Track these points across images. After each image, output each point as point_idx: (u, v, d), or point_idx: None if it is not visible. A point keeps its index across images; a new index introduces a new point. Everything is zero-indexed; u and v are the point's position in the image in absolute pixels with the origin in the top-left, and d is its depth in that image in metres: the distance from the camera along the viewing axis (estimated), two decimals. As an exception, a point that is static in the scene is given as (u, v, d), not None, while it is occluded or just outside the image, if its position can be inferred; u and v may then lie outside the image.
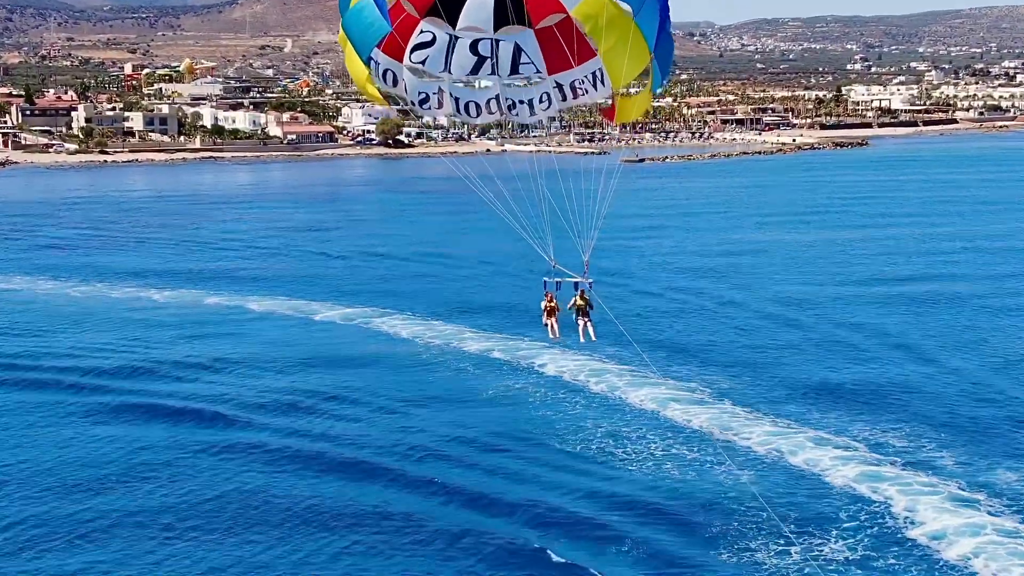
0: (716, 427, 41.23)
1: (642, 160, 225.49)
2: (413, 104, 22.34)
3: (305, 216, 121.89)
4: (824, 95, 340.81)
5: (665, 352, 53.48)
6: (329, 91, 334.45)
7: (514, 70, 21.41)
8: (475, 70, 21.45)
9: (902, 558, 30.24)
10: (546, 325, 26.81)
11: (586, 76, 21.53)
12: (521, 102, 22.24)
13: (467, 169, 25.98)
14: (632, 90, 22.40)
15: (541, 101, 22.18)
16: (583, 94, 21.87)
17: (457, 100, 22.25)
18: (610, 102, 22.51)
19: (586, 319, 26.70)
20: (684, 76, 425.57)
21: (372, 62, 21.49)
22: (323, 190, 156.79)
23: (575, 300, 26.81)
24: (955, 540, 30.83)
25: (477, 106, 22.49)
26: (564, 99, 22.06)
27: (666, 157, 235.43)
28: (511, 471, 36.74)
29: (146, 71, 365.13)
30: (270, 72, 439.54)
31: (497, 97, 22.21)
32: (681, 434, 40.71)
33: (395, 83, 21.93)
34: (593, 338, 26.86)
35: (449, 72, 21.54)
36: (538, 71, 21.39)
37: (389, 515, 33.04)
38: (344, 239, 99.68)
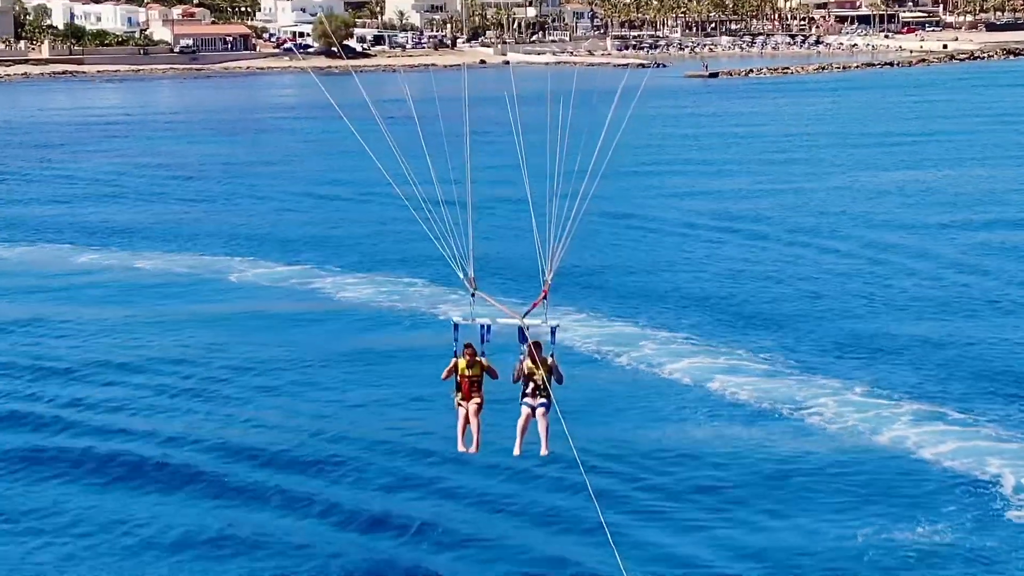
0: (781, 402, 46.80)
1: (714, 75, 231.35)
2: None
3: (209, 151, 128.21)
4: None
5: (713, 317, 59.53)
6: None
7: None
8: None
9: (1009, 541, 35.75)
10: (459, 408, 23.08)
11: None
12: None
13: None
14: None
15: None
16: None
17: None
18: None
19: (539, 404, 22.37)
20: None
21: None
22: (233, 118, 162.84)
23: (520, 366, 22.51)
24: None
25: None
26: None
27: (750, 70, 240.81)
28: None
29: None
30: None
31: None
32: (737, 411, 46.32)
33: None
34: (545, 448, 22.58)
35: None
36: None
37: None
38: (266, 181, 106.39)
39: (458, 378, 23.17)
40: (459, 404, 23.14)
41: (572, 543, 36.26)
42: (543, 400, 22.46)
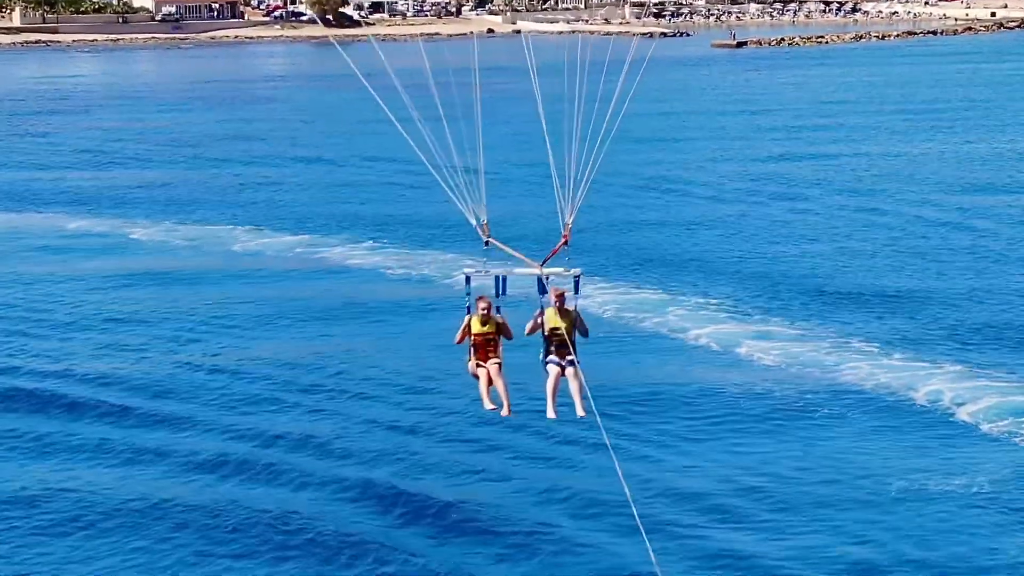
0: (812, 365, 49.59)
1: (743, 44, 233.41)
2: None
3: (197, 120, 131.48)
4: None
5: (743, 283, 62.58)
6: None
7: None
8: None
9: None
10: (476, 376, 22.90)
11: None
12: None
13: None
14: None
15: None
16: None
17: None
18: None
19: (567, 362, 22.24)
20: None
21: None
22: (221, 88, 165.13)
23: (537, 319, 22.36)
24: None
25: None
26: None
27: (782, 39, 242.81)
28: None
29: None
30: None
31: None
32: (768, 373, 49.06)
33: None
34: (580, 411, 22.30)
35: None
36: None
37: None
38: (264, 150, 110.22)
39: (472, 338, 22.75)
40: (478, 367, 22.75)
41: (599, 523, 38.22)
42: (570, 357, 22.17)
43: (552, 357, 22.48)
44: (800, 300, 59.00)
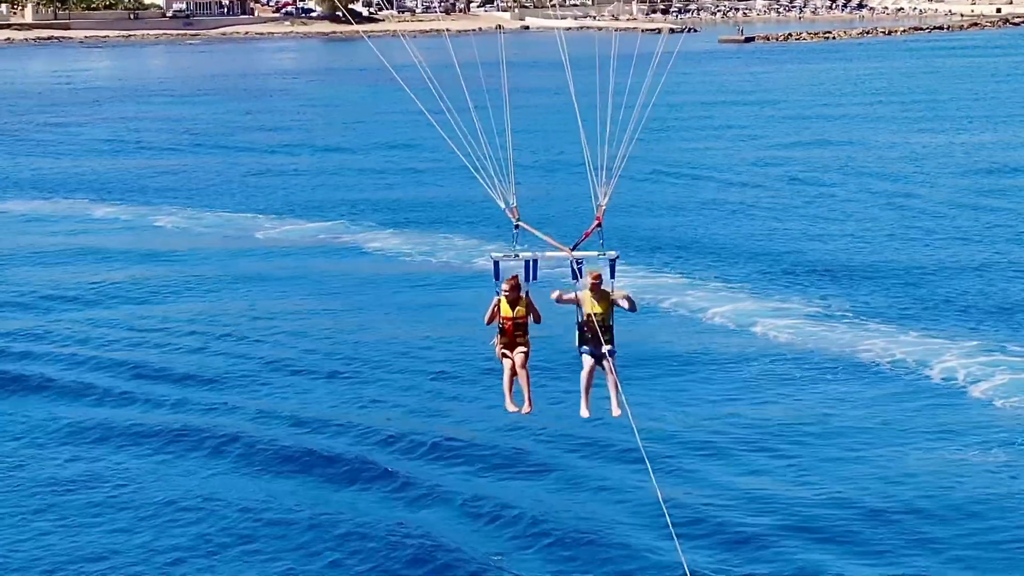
0: (829, 343, 50.65)
1: (750, 39, 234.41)
2: None
3: (210, 112, 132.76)
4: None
5: (760, 267, 63.60)
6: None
7: None
8: None
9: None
10: (501, 360, 21.83)
11: None
12: None
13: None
14: None
15: None
16: None
17: None
18: None
19: (603, 353, 20.99)
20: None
21: None
22: (235, 82, 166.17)
23: (566, 294, 21.41)
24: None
25: None
26: None
27: (789, 35, 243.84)
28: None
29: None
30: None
31: None
32: (784, 350, 50.13)
33: None
34: (615, 409, 21.34)
35: None
36: None
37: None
38: (281, 139, 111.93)
39: (500, 321, 21.72)
40: (503, 355, 21.78)
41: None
42: (607, 348, 21.06)
43: (587, 347, 21.42)
44: (815, 280, 60.11)
